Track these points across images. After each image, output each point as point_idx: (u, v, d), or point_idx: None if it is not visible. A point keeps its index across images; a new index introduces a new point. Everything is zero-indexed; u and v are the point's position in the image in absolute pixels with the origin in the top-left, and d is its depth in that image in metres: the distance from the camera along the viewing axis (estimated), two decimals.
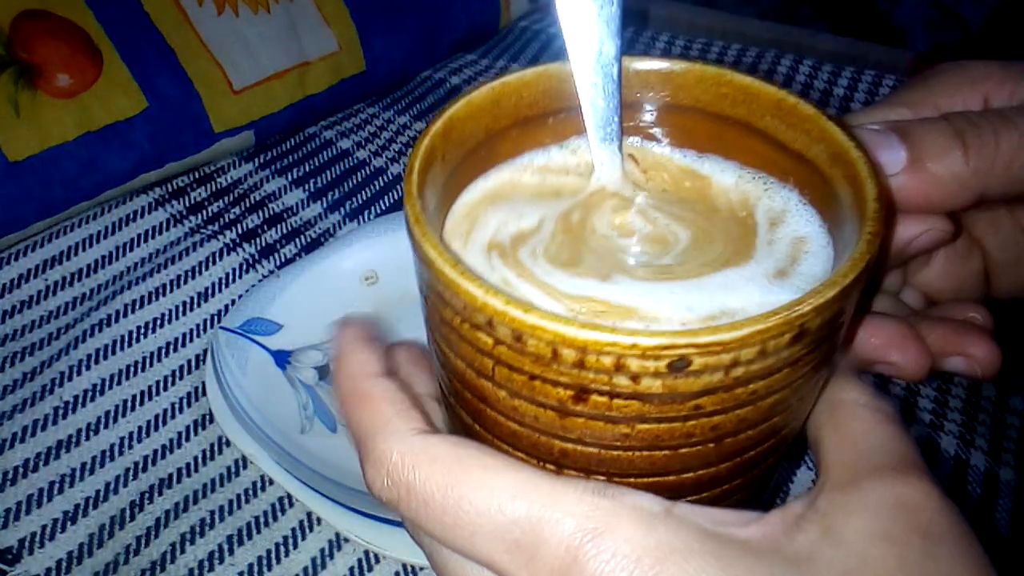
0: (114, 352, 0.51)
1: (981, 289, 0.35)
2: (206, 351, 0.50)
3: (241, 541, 0.42)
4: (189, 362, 0.51)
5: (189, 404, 0.49)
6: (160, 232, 0.60)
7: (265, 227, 0.61)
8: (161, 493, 0.44)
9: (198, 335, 0.53)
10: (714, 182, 0.30)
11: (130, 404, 0.48)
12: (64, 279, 0.56)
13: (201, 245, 0.58)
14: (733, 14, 0.92)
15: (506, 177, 0.30)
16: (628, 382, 0.21)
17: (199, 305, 0.54)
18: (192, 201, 0.62)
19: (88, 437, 0.46)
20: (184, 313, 0.54)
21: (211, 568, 0.41)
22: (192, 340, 0.52)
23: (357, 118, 0.72)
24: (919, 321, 0.31)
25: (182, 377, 0.50)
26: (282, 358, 0.49)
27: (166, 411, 0.48)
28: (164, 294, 0.54)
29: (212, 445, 0.47)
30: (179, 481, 0.45)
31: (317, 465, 0.43)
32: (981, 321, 0.32)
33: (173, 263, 0.56)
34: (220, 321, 0.50)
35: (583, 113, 0.29)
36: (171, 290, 0.55)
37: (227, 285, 0.56)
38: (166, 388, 0.49)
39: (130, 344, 0.51)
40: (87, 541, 0.42)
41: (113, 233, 0.59)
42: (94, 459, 0.45)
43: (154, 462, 0.46)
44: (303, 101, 0.68)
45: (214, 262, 0.57)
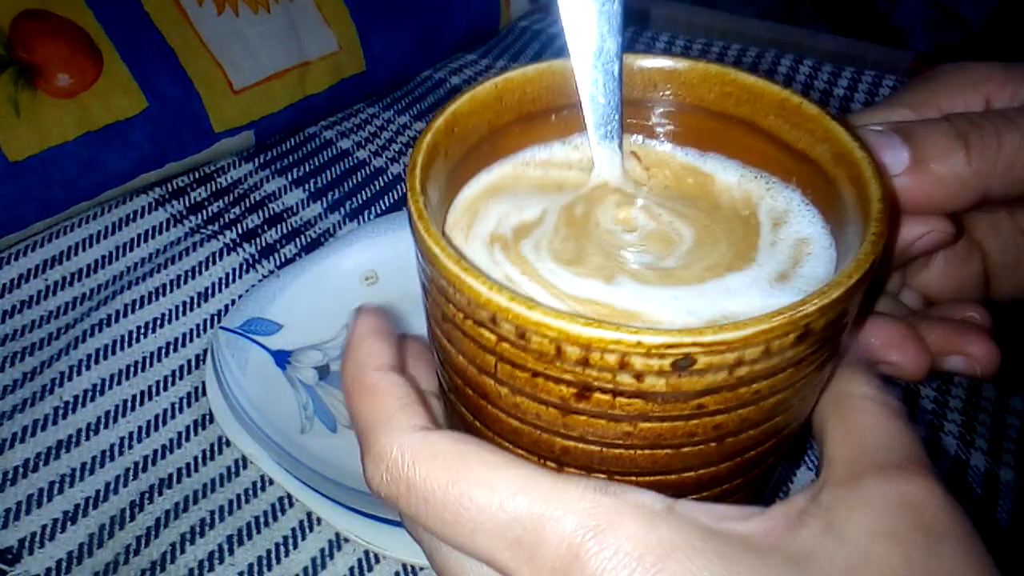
0: (114, 352, 0.51)
1: (980, 291, 0.35)
2: (206, 351, 0.50)
3: (241, 541, 0.42)
4: (189, 362, 0.51)
5: (189, 404, 0.49)
6: (160, 232, 0.60)
7: (265, 227, 0.61)
8: (161, 493, 0.44)
9: (198, 335, 0.52)
10: (717, 180, 0.30)
11: (130, 404, 0.48)
12: (64, 279, 0.56)
13: (201, 245, 0.58)
14: (733, 14, 0.93)
15: (508, 171, 0.30)
16: (632, 380, 0.21)
17: (199, 305, 0.54)
18: (192, 201, 0.62)
19: (88, 437, 0.46)
20: (184, 313, 0.54)
21: (211, 568, 0.41)
22: (192, 340, 0.52)
23: (357, 118, 0.72)
24: (918, 321, 0.31)
25: (182, 377, 0.50)
26: (282, 358, 0.49)
27: (166, 411, 0.48)
28: (164, 294, 0.54)
29: (212, 445, 0.47)
30: (179, 481, 0.45)
31: (317, 465, 0.43)
32: (980, 320, 0.32)
33: (173, 263, 0.56)
34: (220, 321, 0.50)
35: (583, 110, 0.29)
36: (171, 290, 0.55)
37: (227, 285, 0.56)
38: (166, 388, 0.49)
39: (130, 344, 0.51)
40: (87, 541, 0.42)
41: (113, 233, 0.59)
42: (94, 459, 0.45)
43: (154, 462, 0.46)
44: (303, 101, 0.68)
45: (214, 262, 0.57)
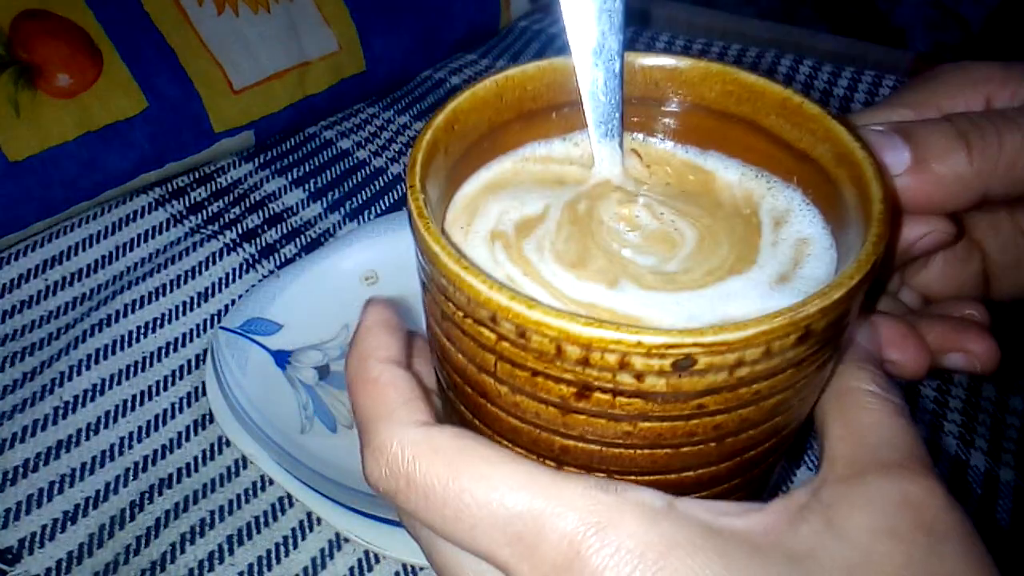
0: (114, 352, 0.51)
1: (980, 291, 0.35)
2: (206, 351, 0.50)
3: (241, 541, 0.42)
4: (189, 362, 0.51)
5: (189, 404, 0.49)
6: (160, 232, 0.60)
7: (265, 227, 0.60)
8: (161, 493, 0.44)
9: (198, 335, 0.52)
10: (718, 177, 0.30)
11: (130, 404, 0.48)
12: (64, 279, 0.56)
13: (201, 245, 0.58)
14: (733, 14, 0.93)
15: (507, 167, 0.30)
16: (632, 380, 0.21)
17: (199, 305, 0.54)
18: (192, 201, 0.62)
19: (88, 437, 0.46)
20: (184, 313, 0.54)
21: (211, 568, 0.41)
22: (192, 340, 0.52)
23: (357, 118, 0.72)
24: (917, 319, 0.31)
25: (182, 377, 0.50)
26: (282, 358, 0.49)
27: (166, 411, 0.48)
28: (164, 294, 0.54)
29: (212, 445, 0.47)
30: (179, 481, 0.45)
31: (317, 465, 0.43)
32: (978, 318, 0.32)
33: (173, 263, 0.56)
34: (220, 321, 0.50)
35: (584, 108, 0.29)
36: (171, 290, 0.55)
37: (227, 285, 0.56)
38: (166, 388, 0.49)
39: (130, 344, 0.51)
40: (87, 541, 0.42)
41: (113, 233, 0.59)
42: (94, 459, 0.45)
43: (154, 462, 0.46)
44: (303, 101, 0.68)
45: (214, 262, 0.57)
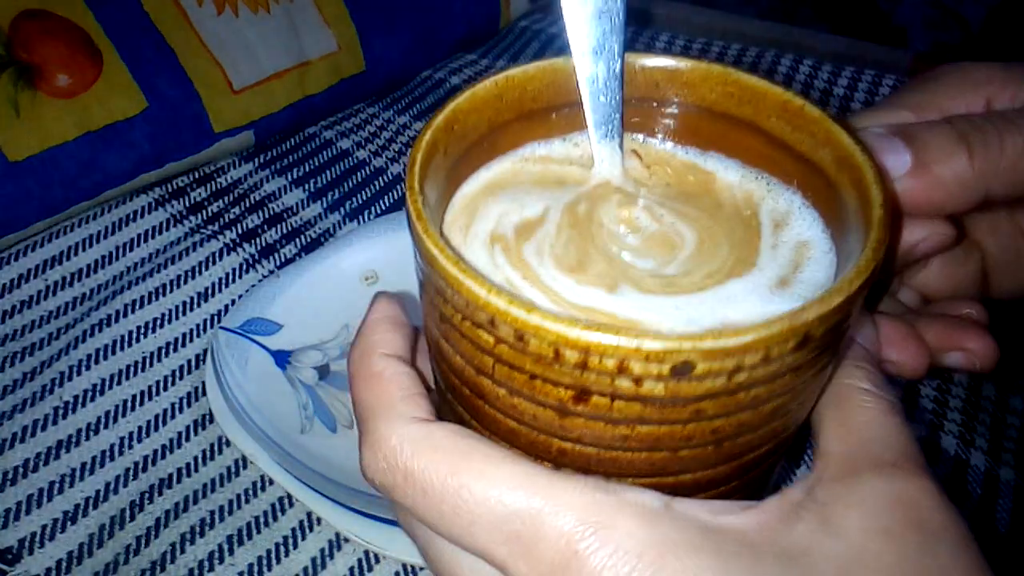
0: (114, 352, 0.51)
1: (978, 290, 0.35)
2: (206, 351, 0.50)
3: (241, 541, 0.42)
4: (189, 362, 0.51)
5: (189, 404, 0.49)
6: (160, 232, 0.60)
7: (265, 227, 0.60)
8: (161, 493, 0.44)
9: (198, 335, 0.52)
10: (718, 178, 0.30)
11: (130, 404, 0.48)
12: (64, 279, 0.56)
13: (201, 245, 0.58)
14: (733, 14, 0.93)
15: (507, 167, 0.30)
16: (630, 385, 0.21)
17: (199, 305, 0.54)
18: (192, 201, 0.62)
19: (88, 437, 0.46)
20: (184, 313, 0.54)
21: (211, 568, 0.41)
22: (192, 340, 0.52)
23: (357, 118, 0.72)
24: (916, 319, 0.31)
25: (182, 377, 0.50)
26: (282, 358, 0.49)
27: (166, 411, 0.48)
28: (164, 294, 0.54)
29: (212, 445, 0.47)
30: (179, 481, 0.45)
31: (317, 465, 0.43)
32: (977, 316, 0.32)
33: (173, 263, 0.56)
34: (220, 321, 0.50)
35: (584, 109, 0.29)
36: (171, 290, 0.55)
37: (227, 285, 0.56)
38: (166, 388, 0.49)
39: (130, 344, 0.51)
40: (87, 541, 0.42)
41: (113, 233, 0.59)
42: (94, 459, 0.45)
43: (154, 462, 0.46)
44: (303, 101, 0.68)
45: (214, 262, 0.57)
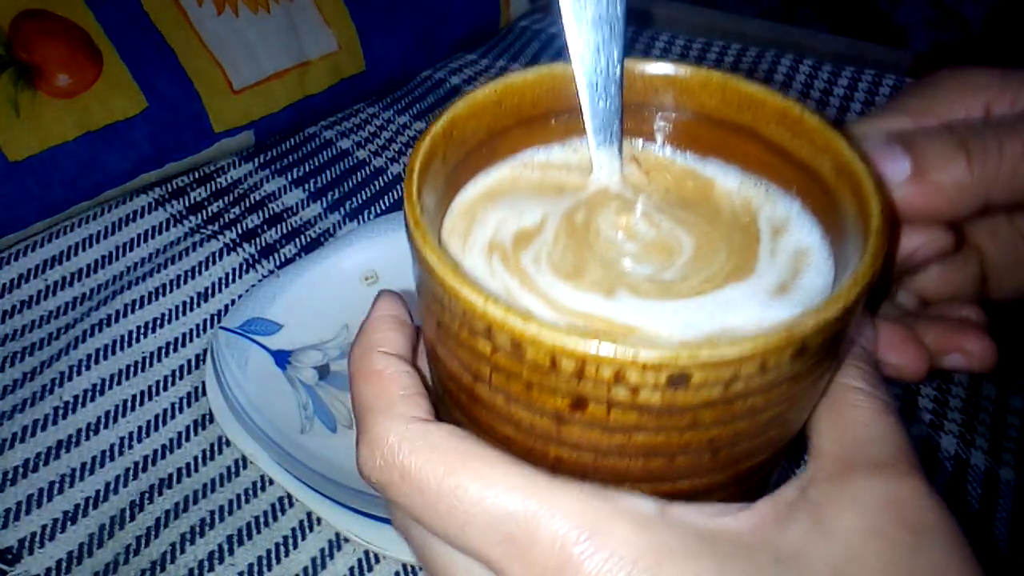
0: (114, 352, 0.51)
1: (977, 292, 0.35)
2: (206, 351, 0.50)
3: (241, 541, 0.42)
4: (189, 362, 0.51)
5: (189, 404, 0.49)
6: (160, 232, 0.60)
7: (265, 227, 0.61)
8: (161, 493, 0.44)
9: (198, 335, 0.53)
10: (717, 184, 0.30)
11: (130, 404, 0.48)
12: (64, 279, 0.56)
13: (201, 245, 0.58)
14: (733, 14, 0.93)
15: (506, 173, 0.30)
16: (627, 394, 0.21)
17: (199, 305, 0.54)
18: (192, 201, 0.62)
19: (88, 437, 0.46)
20: (184, 313, 0.54)
21: (211, 568, 0.41)
22: (192, 340, 0.52)
23: (357, 118, 0.72)
24: (915, 321, 0.31)
25: (182, 377, 0.50)
26: (282, 358, 0.49)
27: (166, 411, 0.48)
28: (164, 294, 0.54)
29: (212, 445, 0.47)
30: (179, 481, 0.45)
31: (317, 465, 0.43)
32: (975, 318, 0.32)
33: (173, 263, 0.56)
34: (220, 321, 0.50)
35: (583, 115, 0.29)
36: (171, 290, 0.55)
37: (227, 285, 0.56)
38: (166, 388, 0.49)
39: (130, 344, 0.51)
40: (87, 541, 0.42)
41: (113, 233, 0.59)
42: (94, 459, 0.45)
43: (154, 462, 0.46)
44: (303, 101, 0.68)
45: (214, 262, 0.57)
